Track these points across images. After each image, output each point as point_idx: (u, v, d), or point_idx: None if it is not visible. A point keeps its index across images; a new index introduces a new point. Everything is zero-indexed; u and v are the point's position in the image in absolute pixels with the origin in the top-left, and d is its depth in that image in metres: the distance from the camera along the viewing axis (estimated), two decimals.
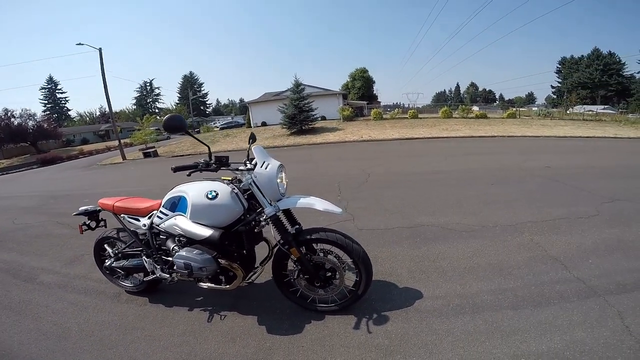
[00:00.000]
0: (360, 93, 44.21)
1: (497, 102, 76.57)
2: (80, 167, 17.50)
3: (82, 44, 16.52)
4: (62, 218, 5.56)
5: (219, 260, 2.10)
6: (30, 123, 32.35)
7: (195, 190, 2.14)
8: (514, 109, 27.76)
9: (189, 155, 16.96)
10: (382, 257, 3.01)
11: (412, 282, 2.57)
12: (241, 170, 2.12)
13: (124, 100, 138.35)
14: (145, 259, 2.49)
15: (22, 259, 3.86)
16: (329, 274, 2.22)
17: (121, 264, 2.68)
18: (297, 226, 2.23)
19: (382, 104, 48.94)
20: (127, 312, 2.59)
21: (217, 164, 2.03)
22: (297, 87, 19.50)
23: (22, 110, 33.56)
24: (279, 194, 2.09)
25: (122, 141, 19.27)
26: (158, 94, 72.77)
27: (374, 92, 49.36)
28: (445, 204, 4.42)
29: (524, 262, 2.77)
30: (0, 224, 5.72)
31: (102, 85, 17.45)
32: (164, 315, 2.50)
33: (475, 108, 32.65)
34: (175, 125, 1.85)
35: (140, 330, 2.35)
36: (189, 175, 2.06)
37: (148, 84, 71.66)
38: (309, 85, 24.83)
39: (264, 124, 27.88)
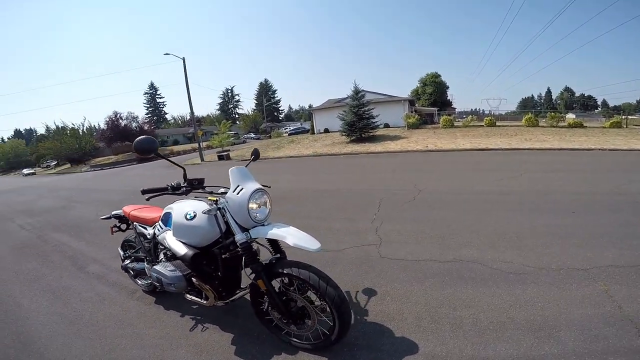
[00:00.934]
0: (432, 99, 41.78)
1: (599, 109, 64.78)
2: (166, 166, 19.97)
3: (169, 54, 19.24)
4: None
5: (193, 278, 2.12)
6: (134, 125, 38.51)
7: (178, 209, 2.22)
8: (621, 116, 22.88)
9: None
10: (393, 295, 2.63)
11: (414, 332, 2.16)
12: (215, 194, 2.10)
13: (209, 106, 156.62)
14: (146, 265, 2.63)
15: (85, 248, 4.51)
16: (301, 312, 2.03)
17: (132, 266, 2.94)
18: (278, 255, 2.09)
19: (457, 110, 45.52)
20: (132, 309, 2.82)
21: (188, 186, 2.03)
22: (357, 93, 19.26)
23: (127, 113, 40.16)
24: (252, 221, 1.96)
25: (204, 144, 21.60)
26: (237, 101, 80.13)
27: (448, 98, 46.21)
28: (502, 235, 3.69)
29: (580, 320, 2.11)
30: (87, 215, 6.88)
31: (187, 92, 19.81)
32: (158, 316, 2.66)
33: (570, 116, 28.05)
34: (144, 147, 1.82)
35: (132, 327, 2.55)
36: (147, 199, 2.04)
37: (229, 91, 79.32)
38: (370, 92, 24.41)
39: (326, 130, 28.26)
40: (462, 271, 2.93)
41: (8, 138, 78.72)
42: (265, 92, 74.57)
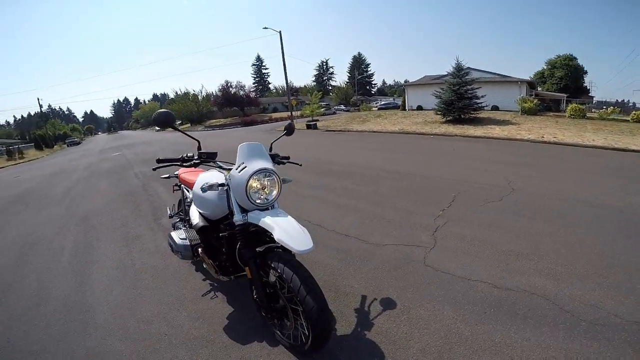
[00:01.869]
0: (562, 84, 34.19)
1: None
2: (264, 131, 21.81)
3: (267, 28, 20.55)
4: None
5: (199, 249, 2.18)
6: (241, 92, 43.30)
7: (200, 178, 2.28)
8: None
9: (339, 131, 18.02)
10: (412, 315, 2.20)
11: None
12: (223, 169, 2.03)
13: (306, 77, 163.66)
14: (182, 227, 2.76)
15: (170, 201, 5.17)
16: (283, 310, 1.87)
17: (175, 225, 3.14)
18: (271, 245, 1.93)
19: (595, 100, 36.19)
20: (172, 265, 3.12)
21: (200, 159, 1.99)
22: (459, 70, 16.83)
23: (236, 82, 45.30)
24: (250, 203, 1.83)
25: (298, 112, 22.73)
26: (331, 73, 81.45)
27: (585, 85, 37.13)
28: (603, 267, 2.70)
29: None
30: None
31: (283, 64, 20.81)
32: (186, 277, 2.90)
33: None
34: (162, 120, 1.88)
35: (162, 282, 2.88)
36: (154, 169, 2.07)
37: (324, 64, 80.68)
38: (477, 70, 21.13)
39: (419, 108, 26.01)
40: (517, 305, 2.26)
41: (148, 101, 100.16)
42: (358, 65, 73.84)
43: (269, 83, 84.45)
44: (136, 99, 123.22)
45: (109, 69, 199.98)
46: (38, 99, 45.09)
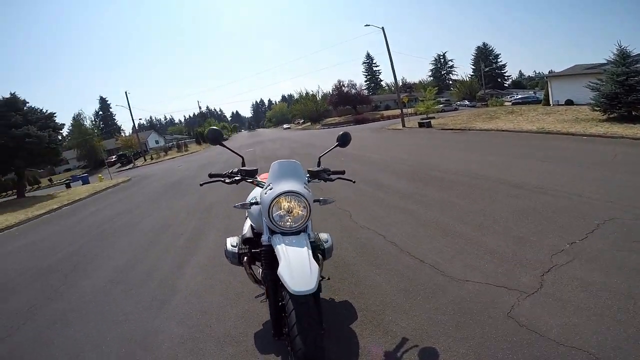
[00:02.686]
0: None
1: None
2: (373, 129, 21.61)
3: (369, 25, 20.08)
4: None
5: (245, 257, 2.16)
6: (353, 91, 44.39)
7: (253, 191, 2.45)
8: None
9: (458, 129, 16.09)
10: None
11: None
12: (259, 186, 2.07)
13: (421, 73, 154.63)
14: None
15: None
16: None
17: None
18: None
19: None
20: None
21: (240, 175, 2.06)
22: (623, 58, 12.41)
23: (348, 81, 46.50)
24: (273, 224, 1.78)
25: (410, 110, 21.79)
26: (451, 67, 74.79)
27: None
28: None
29: None
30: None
31: (389, 60, 20.17)
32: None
33: None
34: (211, 137, 2.13)
35: (235, 276, 3.03)
36: (201, 185, 2.26)
37: (441, 57, 74.36)
38: None
39: (569, 102, 20.64)
40: None
41: (278, 102, 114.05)
42: (484, 56, 66.25)
43: (381, 80, 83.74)
44: (269, 100, 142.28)
45: (245, 74, 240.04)
46: (198, 102, 57.50)
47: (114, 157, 39.43)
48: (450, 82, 69.97)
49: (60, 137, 19.50)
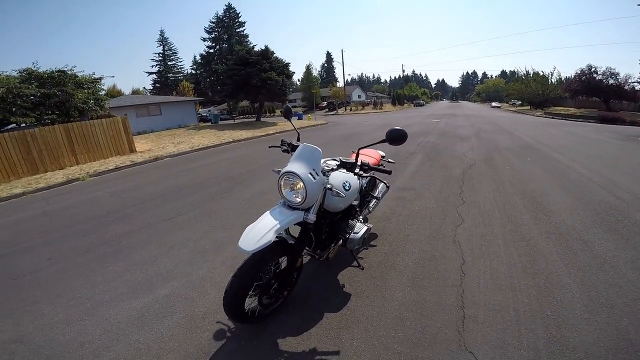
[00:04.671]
0: None
1: None
2: (620, 135, 14.66)
3: None
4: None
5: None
6: (610, 82, 31.24)
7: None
8: None
9: None
10: None
11: None
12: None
13: None
14: None
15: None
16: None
17: None
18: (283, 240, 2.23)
19: None
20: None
21: (290, 148, 2.53)
22: None
23: (606, 68, 32.67)
24: (290, 201, 2.07)
25: None
26: None
27: None
28: None
29: None
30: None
31: None
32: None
33: None
34: (286, 111, 2.74)
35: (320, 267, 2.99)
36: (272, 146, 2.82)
37: None
38: None
39: None
40: None
41: (495, 76, 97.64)
42: None
43: None
44: (484, 74, 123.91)
45: (462, 40, 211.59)
46: (402, 65, 57.11)
47: (324, 103, 47.03)
48: None
49: (289, 82, 24.82)
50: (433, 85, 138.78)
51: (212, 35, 52.87)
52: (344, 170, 2.24)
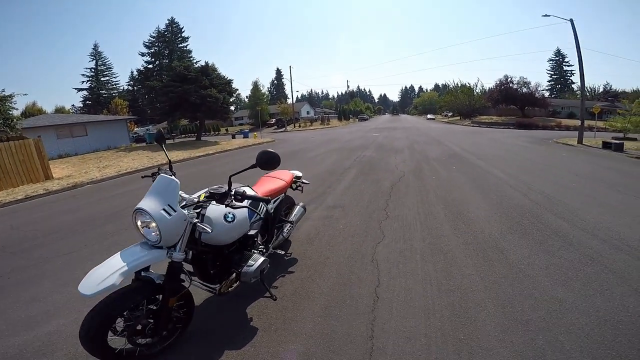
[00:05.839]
0: None
1: None
2: (535, 139, 16.23)
3: (549, 16, 15.21)
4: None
5: None
6: (524, 90, 35.90)
7: None
8: None
9: None
10: None
11: None
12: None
13: (635, 80, 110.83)
14: None
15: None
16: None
17: None
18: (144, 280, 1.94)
19: None
20: None
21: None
22: None
23: (519, 77, 37.75)
24: (148, 239, 1.87)
25: (601, 123, 16.34)
26: None
27: None
28: None
29: None
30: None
31: (578, 59, 15.14)
32: None
33: None
34: (157, 137, 2.59)
35: None
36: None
37: None
38: None
39: None
40: None
41: (430, 90, 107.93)
42: None
43: (572, 83, 65.77)
44: (420, 87, 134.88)
45: (399, 54, 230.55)
46: (347, 81, 59.96)
47: (273, 120, 46.86)
48: None
49: (232, 99, 24.23)
50: (376, 100, 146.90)
51: (152, 50, 50.25)
52: (214, 202, 1.99)
